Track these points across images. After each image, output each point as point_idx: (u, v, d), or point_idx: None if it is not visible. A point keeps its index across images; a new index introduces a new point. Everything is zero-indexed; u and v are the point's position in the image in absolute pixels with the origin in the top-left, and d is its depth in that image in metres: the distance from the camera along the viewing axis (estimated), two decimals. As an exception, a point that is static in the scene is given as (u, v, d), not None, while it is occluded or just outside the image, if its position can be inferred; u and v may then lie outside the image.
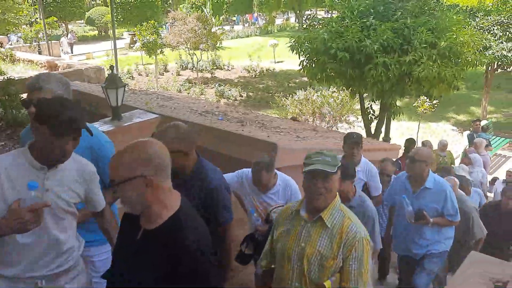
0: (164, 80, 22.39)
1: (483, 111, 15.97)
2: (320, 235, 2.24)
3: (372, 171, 4.24)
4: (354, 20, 8.79)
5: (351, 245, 2.18)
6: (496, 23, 13.97)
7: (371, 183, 4.26)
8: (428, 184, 3.80)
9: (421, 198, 3.82)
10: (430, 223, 3.78)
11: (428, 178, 3.81)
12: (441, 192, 3.79)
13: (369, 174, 4.23)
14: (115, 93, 4.56)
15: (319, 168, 2.18)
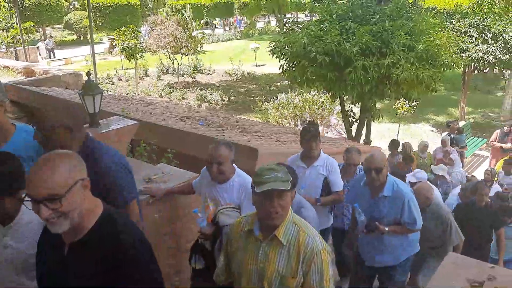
0: (144, 85, 22.20)
1: (461, 112, 16.25)
2: (277, 254, 2.19)
3: (333, 166, 4.11)
4: (333, 23, 8.85)
5: (310, 260, 2.15)
6: (472, 25, 14.24)
7: (332, 179, 4.10)
8: (386, 191, 3.57)
9: (380, 207, 3.62)
10: (386, 232, 3.59)
11: (386, 186, 3.57)
12: (400, 200, 3.56)
13: (330, 169, 4.09)
14: (92, 100, 4.49)
15: (274, 188, 2.09)
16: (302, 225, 2.24)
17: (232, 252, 2.34)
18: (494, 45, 13.56)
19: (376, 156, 3.58)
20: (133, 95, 17.25)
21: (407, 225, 3.61)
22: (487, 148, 13.86)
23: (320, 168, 4.05)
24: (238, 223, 2.36)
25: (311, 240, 2.17)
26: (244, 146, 5.30)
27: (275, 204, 2.12)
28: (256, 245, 2.23)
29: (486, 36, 13.82)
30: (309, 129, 4.09)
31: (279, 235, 2.18)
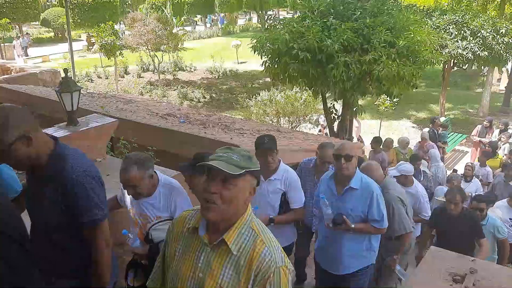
0: (124, 83, 21.93)
1: (441, 108, 16.46)
2: (223, 265, 1.73)
3: (292, 180, 3.69)
4: (314, 20, 8.84)
5: (264, 278, 1.69)
6: (452, 22, 14.42)
7: (291, 194, 3.70)
8: (353, 183, 3.34)
9: (347, 200, 3.38)
10: (352, 229, 3.34)
11: (353, 178, 3.36)
12: (368, 193, 3.33)
13: (288, 184, 3.67)
14: (70, 97, 4.38)
15: (215, 167, 1.65)
16: (262, 233, 1.79)
17: (170, 254, 1.90)
18: (473, 42, 13.76)
19: (346, 144, 3.44)
20: (113, 93, 17.01)
21: (374, 222, 3.37)
22: (466, 144, 14.09)
23: (277, 183, 3.64)
24: (183, 218, 1.92)
25: (269, 253, 1.72)
26: (226, 143, 5.25)
27: (213, 189, 1.68)
28: (198, 249, 1.79)
29: (465, 33, 14.01)
30: (264, 141, 3.60)
31: (229, 240, 1.73)
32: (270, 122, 13.27)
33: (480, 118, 16.06)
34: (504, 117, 15.16)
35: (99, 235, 2.32)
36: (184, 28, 32.34)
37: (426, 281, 2.50)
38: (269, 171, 3.65)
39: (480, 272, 2.47)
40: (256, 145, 3.65)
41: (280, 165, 3.69)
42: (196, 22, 45.50)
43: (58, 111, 5.68)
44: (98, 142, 4.37)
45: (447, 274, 2.51)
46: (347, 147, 3.35)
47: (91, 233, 2.31)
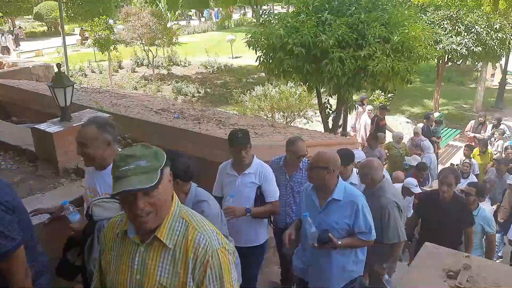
0: (118, 78, 21.82)
1: (435, 103, 16.51)
2: (159, 261, 1.69)
3: (267, 174, 3.68)
4: (309, 15, 8.81)
5: (203, 263, 1.67)
6: (446, 17, 14.43)
7: (266, 188, 3.67)
8: (336, 194, 3.13)
9: (330, 213, 3.16)
10: (339, 246, 3.11)
11: (336, 188, 3.14)
12: (352, 204, 3.11)
13: (263, 177, 3.67)
14: (63, 93, 4.36)
15: (131, 189, 1.57)
16: (193, 220, 1.75)
17: (106, 263, 1.85)
18: (467, 37, 13.78)
19: (323, 155, 3.16)
20: (107, 88, 16.92)
21: (361, 235, 3.16)
22: (460, 139, 14.15)
23: (252, 177, 3.63)
24: (112, 223, 1.86)
25: (203, 238, 1.69)
26: (221, 138, 5.24)
27: (140, 206, 1.61)
28: (132, 251, 1.74)
29: (459, 28, 14.02)
30: (237, 135, 3.53)
31: (162, 235, 1.69)
32: (265, 117, 13.26)
33: (474, 113, 16.12)
34: (497, 113, 15.26)
35: (14, 265, 2.20)
36: (179, 22, 32.20)
37: (420, 277, 2.52)
38: (243, 165, 3.64)
39: (474, 268, 2.48)
40: (229, 141, 3.58)
41: (254, 159, 3.67)
42: (191, 17, 45.31)
43: (51, 106, 5.65)
44: (92, 138, 4.34)
45: (441, 270, 2.52)
46: (323, 158, 3.11)
47: (5, 264, 2.19)
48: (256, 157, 3.73)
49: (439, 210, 4.29)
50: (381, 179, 3.92)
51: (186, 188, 2.87)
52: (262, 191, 3.66)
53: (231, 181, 3.66)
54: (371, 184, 3.93)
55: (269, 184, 3.69)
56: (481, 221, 4.87)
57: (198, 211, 2.53)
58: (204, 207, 2.78)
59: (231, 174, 3.69)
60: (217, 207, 2.99)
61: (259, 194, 3.66)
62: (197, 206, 2.75)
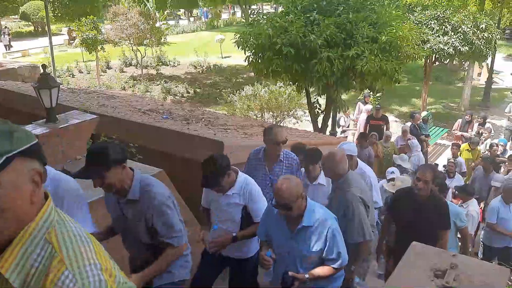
0: (107, 78, 21.65)
1: (423, 102, 16.63)
2: None
3: (252, 191, 3.30)
4: (298, 15, 8.83)
5: None
6: (433, 17, 14.55)
7: (253, 207, 3.30)
8: (306, 221, 2.86)
9: (301, 241, 2.90)
10: (307, 280, 2.87)
11: (305, 213, 2.86)
12: (323, 229, 2.87)
13: (249, 196, 3.28)
14: (49, 94, 4.29)
15: None
16: (63, 247, 1.10)
17: None
18: (454, 37, 13.91)
19: (285, 191, 2.76)
20: (95, 88, 16.78)
21: (330, 262, 2.91)
22: (448, 137, 14.27)
23: (236, 197, 3.27)
24: None
25: (70, 280, 1.06)
26: (210, 139, 5.21)
27: None
28: None
29: (446, 28, 14.14)
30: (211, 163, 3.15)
31: (5, 266, 1.07)
32: (254, 117, 13.25)
33: (461, 112, 16.27)
34: (483, 111, 15.42)
35: None
36: (167, 22, 32.03)
37: (407, 277, 2.52)
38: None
39: (460, 267, 2.49)
40: (203, 168, 3.18)
41: (238, 177, 3.29)
42: (180, 16, 45.12)
43: (38, 108, 5.58)
44: (78, 139, 4.30)
45: (428, 269, 2.53)
46: (286, 195, 2.75)
47: None
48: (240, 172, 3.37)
49: (412, 209, 4.00)
50: (345, 172, 3.64)
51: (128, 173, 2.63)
52: (249, 211, 3.31)
53: (215, 199, 3.36)
54: (334, 177, 3.72)
55: (256, 203, 3.31)
56: (453, 217, 4.52)
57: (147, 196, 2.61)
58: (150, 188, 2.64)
59: (213, 193, 3.36)
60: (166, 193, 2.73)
61: (245, 215, 3.31)
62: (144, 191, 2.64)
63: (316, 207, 2.94)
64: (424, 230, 3.81)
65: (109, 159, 2.51)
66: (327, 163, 3.70)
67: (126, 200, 2.67)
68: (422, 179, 3.88)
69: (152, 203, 2.63)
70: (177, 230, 2.70)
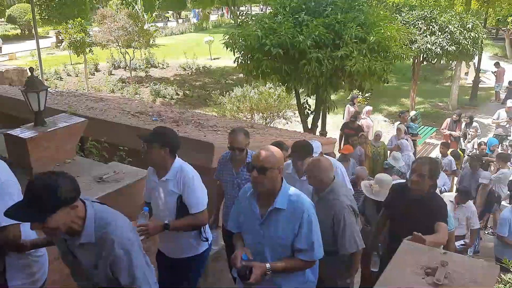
0: (95, 80, 21.50)
1: (412, 102, 16.76)
2: None
3: (187, 179, 3.07)
4: (286, 16, 8.86)
5: None
6: (420, 17, 14.67)
7: (187, 197, 3.07)
8: (279, 203, 2.56)
9: (272, 226, 2.59)
10: (268, 271, 2.54)
11: (279, 194, 2.58)
12: (298, 214, 2.56)
13: (183, 185, 3.06)
14: (37, 97, 4.25)
15: None
16: None
17: None
18: (441, 37, 14.03)
19: (264, 153, 2.57)
20: (83, 91, 16.66)
21: (300, 253, 2.59)
22: (436, 137, 14.39)
23: (170, 184, 3.08)
24: None
25: None
26: (200, 141, 5.20)
27: None
28: None
29: (433, 28, 14.26)
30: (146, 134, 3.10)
31: None
32: (244, 118, 13.25)
33: (449, 111, 16.42)
34: (471, 110, 15.55)
35: None
36: (156, 24, 31.91)
37: (398, 275, 2.53)
38: (161, 170, 3.15)
39: (451, 265, 2.51)
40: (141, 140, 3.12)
41: (175, 162, 3.12)
42: (168, 18, 44.99)
43: (25, 111, 5.53)
44: (67, 143, 4.26)
45: (419, 267, 2.54)
46: (264, 157, 2.54)
47: None
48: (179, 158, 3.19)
49: (405, 206, 3.62)
50: (331, 181, 3.43)
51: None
52: (184, 201, 3.09)
53: (153, 188, 3.22)
54: (320, 187, 3.44)
55: (191, 193, 3.08)
56: None
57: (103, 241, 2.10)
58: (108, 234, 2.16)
59: (152, 180, 3.23)
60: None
61: (180, 205, 3.09)
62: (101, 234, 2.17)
63: (292, 190, 2.65)
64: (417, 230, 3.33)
65: (55, 201, 2.01)
66: (313, 172, 3.42)
67: (78, 243, 2.18)
68: (417, 172, 3.50)
69: (110, 250, 2.14)
70: (140, 277, 2.22)
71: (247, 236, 2.74)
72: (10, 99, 6.90)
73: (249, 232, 2.71)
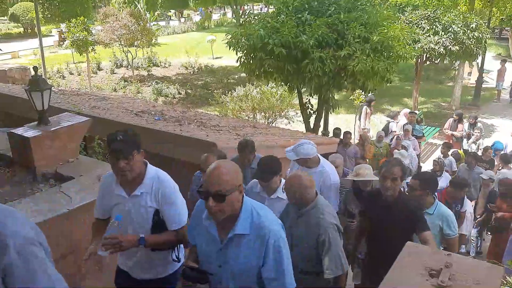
0: (97, 79, 21.52)
1: (415, 102, 16.73)
2: None
3: (166, 190, 2.64)
4: (289, 15, 8.85)
5: None
6: (424, 17, 14.64)
7: (166, 211, 2.65)
8: (240, 228, 2.18)
9: (233, 253, 2.22)
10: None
11: (240, 218, 2.18)
12: (262, 239, 2.17)
13: (161, 197, 2.63)
14: (40, 96, 4.26)
15: None
16: None
17: None
18: (445, 37, 14.00)
19: (221, 177, 2.10)
20: (86, 90, 16.68)
21: (270, 283, 2.23)
22: (439, 137, 14.36)
23: (146, 198, 2.62)
24: None
25: None
26: (202, 140, 5.20)
27: None
28: None
29: (436, 27, 14.23)
30: (115, 139, 2.53)
31: None
32: (246, 118, 13.24)
33: (452, 111, 16.39)
34: (474, 110, 15.50)
35: None
36: (158, 23, 31.93)
37: (402, 277, 2.52)
38: (133, 183, 2.63)
39: (455, 266, 2.50)
40: (108, 146, 2.59)
41: (147, 172, 2.65)
42: (170, 17, 45.00)
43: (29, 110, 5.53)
44: (70, 142, 4.27)
45: (423, 269, 2.53)
46: (219, 180, 2.09)
47: None
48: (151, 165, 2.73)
49: (380, 211, 3.45)
50: (314, 197, 3.16)
51: None
52: (161, 217, 2.67)
53: (118, 203, 2.67)
54: (301, 204, 3.16)
55: (170, 207, 2.65)
56: (438, 219, 3.83)
57: None
58: None
59: (118, 195, 2.66)
60: None
61: (157, 221, 2.66)
62: None
63: (256, 209, 2.25)
64: (394, 236, 3.18)
65: None
66: (293, 189, 3.10)
67: None
68: (389, 177, 3.33)
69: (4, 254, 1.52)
70: None
71: (204, 259, 2.36)
72: (13, 97, 6.91)
73: (207, 256, 2.33)
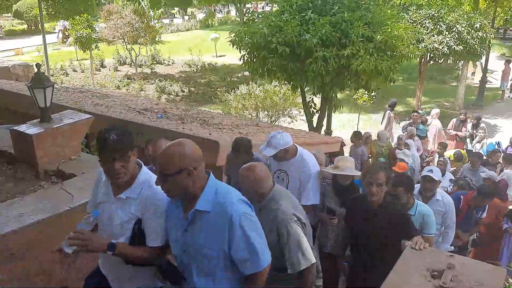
0: (101, 76, 21.55)
1: (418, 101, 16.68)
2: None
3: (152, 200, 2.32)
4: (293, 14, 8.83)
5: None
6: (428, 16, 14.58)
7: (147, 223, 2.34)
8: (201, 204, 2.11)
9: (196, 232, 2.14)
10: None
11: (202, 195, 2.12)
12: (224, 219, 2.08)
13: (148, 205, 2.32)
14: (43, 93, 4.26)
15: None
16: None
17: None
18: (448, 36, 13.95)
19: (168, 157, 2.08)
20: (89, 87, 16.70)
21: (244, 266, 2.14)
22: (442, 137, 14.30)
23: (130, 204, 2.34)
24: None
25: None
26: (205, 139, 5.20)
27: None
28: None
29: (440, 27, 14.17)
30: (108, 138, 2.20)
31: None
32: (249, 116, 13.24)
33: (456, 111, 16.33)
34: (477, 110, 15.43)
35: None
36: (162, 21, 31.93)
37: (404, 278, 2.52)
38: (121, 185, 2.35)
39: (457, 268, 2.49)
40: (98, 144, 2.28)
41: (139, 175, 2.37)
42: (174, 15, 45.01)
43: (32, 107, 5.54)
44: (73, 139, 4.27)
45: (425, 270, 2.53)
46: (162, 162, 2.08)
47: None
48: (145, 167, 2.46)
49: (363, 219, 3.33)
50: (270, 189, 2.95)
51: None
52: (142, 227, 2.36)
53: (104, 203, 2.43)
54: (258, 198, 2.94)
55: (156, 220, 2.33)
56: (420, 219, 3.78)
57: None
58: None
59: (104, 194, 2.43)
60: None
61: (137, 232, 2.36)
62: None
63: (220, 187, 2.17)
64: (380, 243, 3.18)
65: None
66: (247, 182, 2.88)
67: None
68: (375, 182, 3.17)
69: None
70: None
71: (173, 244, 2.27)
72: (16, 94, 6.92)
73: (175, 241, 2.25)
